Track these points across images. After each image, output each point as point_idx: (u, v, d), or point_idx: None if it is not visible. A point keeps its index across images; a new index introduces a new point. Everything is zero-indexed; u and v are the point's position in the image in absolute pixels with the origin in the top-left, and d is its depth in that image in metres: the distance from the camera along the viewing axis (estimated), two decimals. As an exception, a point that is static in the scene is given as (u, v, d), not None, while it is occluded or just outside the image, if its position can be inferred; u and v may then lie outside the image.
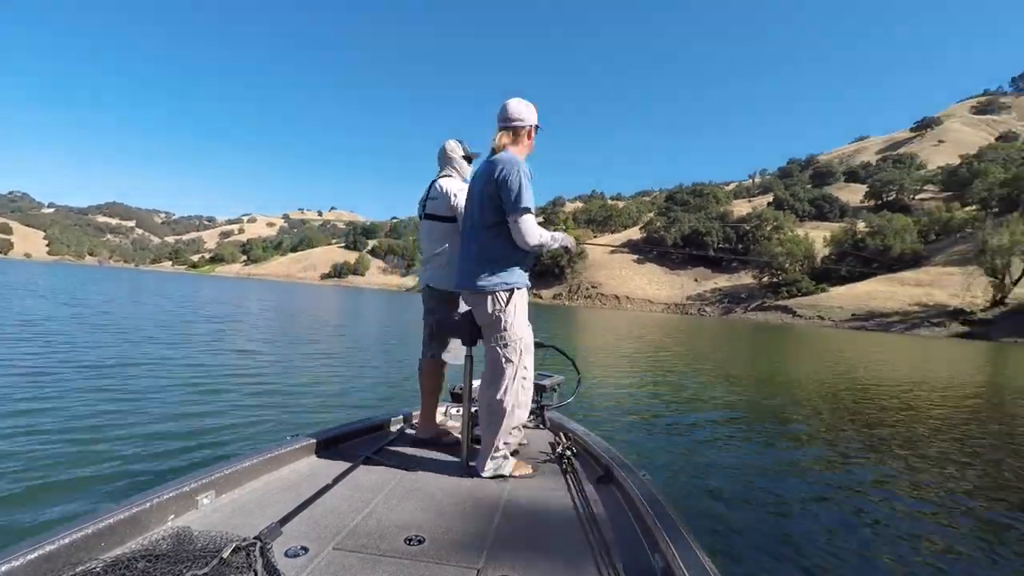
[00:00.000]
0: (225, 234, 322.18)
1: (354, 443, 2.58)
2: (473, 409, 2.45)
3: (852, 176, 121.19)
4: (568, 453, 2.36)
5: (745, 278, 75.83)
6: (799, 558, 2.84)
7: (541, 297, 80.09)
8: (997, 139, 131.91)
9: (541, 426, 2.99)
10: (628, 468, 2.10)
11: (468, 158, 2.80)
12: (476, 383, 2.70)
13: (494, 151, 2.39)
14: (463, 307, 2.68)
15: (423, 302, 2.82)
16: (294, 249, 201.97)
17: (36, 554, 1.22)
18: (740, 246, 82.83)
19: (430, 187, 2.74)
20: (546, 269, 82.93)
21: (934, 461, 4.90)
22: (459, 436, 2.55)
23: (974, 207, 73.74)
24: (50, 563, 1.24)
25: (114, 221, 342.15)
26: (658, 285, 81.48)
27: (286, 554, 1.47)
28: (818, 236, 76.10)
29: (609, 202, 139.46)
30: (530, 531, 1.72)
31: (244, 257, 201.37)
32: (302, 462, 2.27)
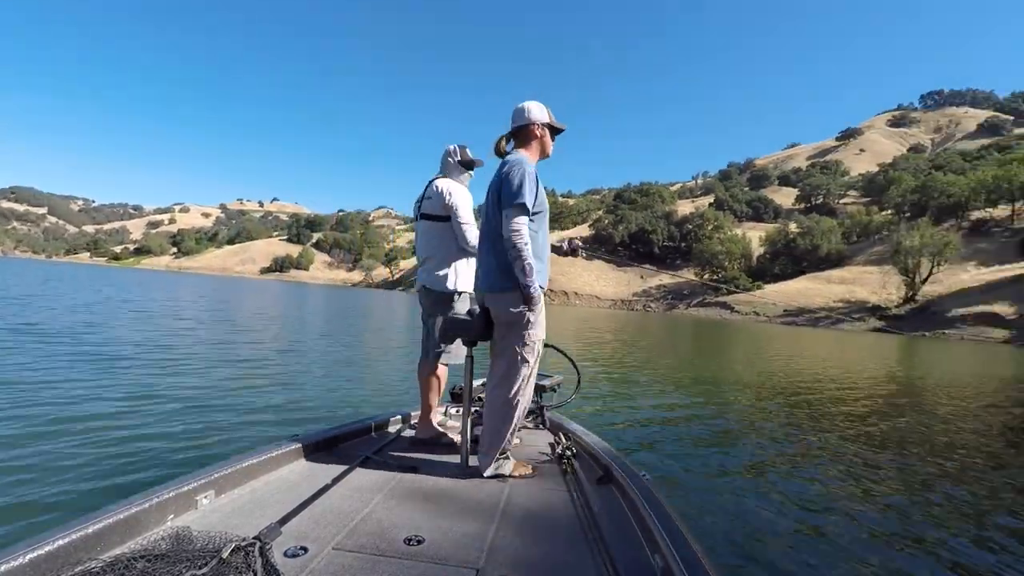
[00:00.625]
0: (153, 224, 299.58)
1: (354, 443, 2.55)
2: (473, 409, 2.46)
3: (785, 180, 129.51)
4: (568, 453, 2.39)
5: (687, 275, 79.25)
6: (799, 558, 2.84)
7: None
8: (909, 150, 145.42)
9: (541, 426, 3.01)
10: (628, 468, 2.11)
11: (468, 164, 2.81)
12: (476, 383, 2.71)
13: (497, 153, 2.42)
14: (458, 308, 2.68)
15: (420, 303, 2.82)
16: (231, 241, 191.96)
17: (36, 554, 1.22)
18: (683, 244, 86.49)
19: (427, 187, 2.76)
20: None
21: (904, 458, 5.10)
22: (458, 436, 2.55)
23: (890, 211, 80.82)
24: (50, 563, 1.24)
25: (21, 207, 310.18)
26: (605, 282, 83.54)
27: (285, 554, 1.47)
28: (755, 236, 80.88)
29: (560, 199, 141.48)
30: (530, 531, 1.72)
31: (175, 249, 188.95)
32: (302, 462, 2.24)
